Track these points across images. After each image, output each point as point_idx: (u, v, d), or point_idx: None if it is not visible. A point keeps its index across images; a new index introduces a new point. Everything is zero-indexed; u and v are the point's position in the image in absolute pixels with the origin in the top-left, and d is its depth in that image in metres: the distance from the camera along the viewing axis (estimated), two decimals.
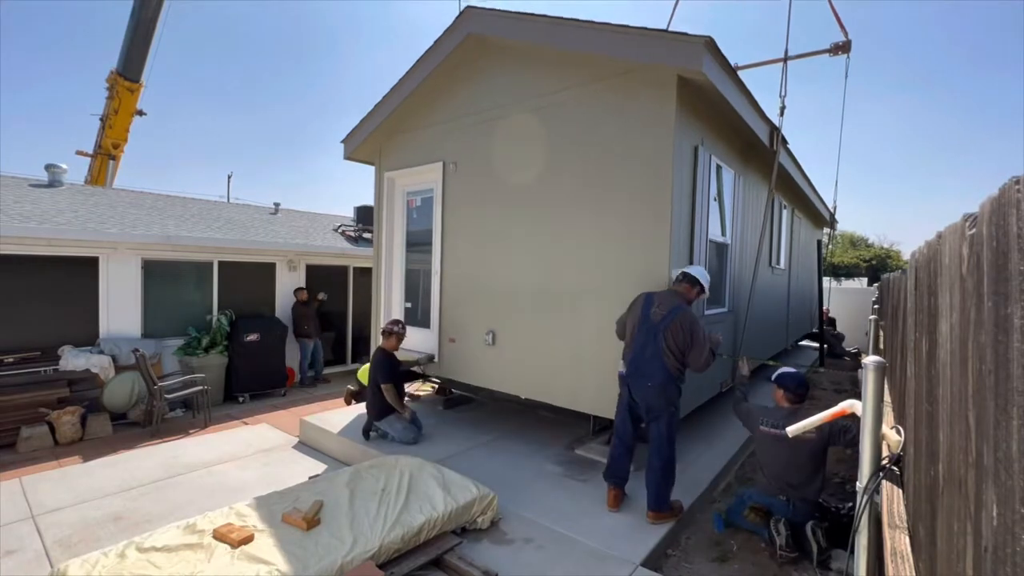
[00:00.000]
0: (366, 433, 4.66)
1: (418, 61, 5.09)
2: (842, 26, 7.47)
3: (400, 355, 5.78)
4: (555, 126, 4.23)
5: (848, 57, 7.60)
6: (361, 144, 5.90)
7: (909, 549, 1.57)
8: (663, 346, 3.21)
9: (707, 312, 4.43)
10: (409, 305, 5.92)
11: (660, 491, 3.26)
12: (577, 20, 3.82)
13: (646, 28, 3.49)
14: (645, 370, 3.25)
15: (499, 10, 4.37)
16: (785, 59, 5.78)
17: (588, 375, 4.01)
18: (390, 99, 5.44)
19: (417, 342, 5.66)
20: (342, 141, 6.08)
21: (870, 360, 1.54)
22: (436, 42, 4.91)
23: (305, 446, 5.08)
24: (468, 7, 4.63)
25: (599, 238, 3.97)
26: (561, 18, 3.92)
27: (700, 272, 3.49)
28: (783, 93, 5.36)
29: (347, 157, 6.12)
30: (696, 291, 3.45)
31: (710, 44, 3.28)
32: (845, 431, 3.03)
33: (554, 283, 4.28)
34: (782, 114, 5.16)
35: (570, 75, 4.13)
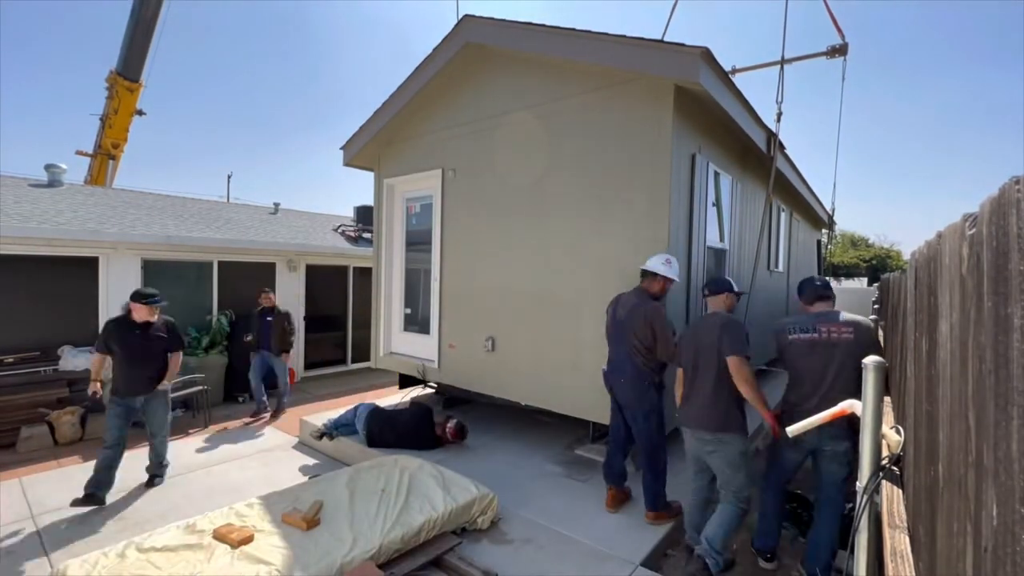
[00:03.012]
0: None
1: (417, 69, 5.08)
2: (839, 28, 7.45)
3: (401, 361, 5.80)
4: (554, 134, 4.23)
5: (845, 60, 7.57)
6: (360, 151, 5.89)
7: (909, 549, 1.57)
8: (629, 345, 3.24)
9: None
10: (409, 311, 5.92)
11: (654, 489, 3.27)
12: (574, 30, 3.82)
13: (643, 39, 3.49)
14: (618, 367, 3.32)
15: (497, 19, 4.37)
16: (782, 63, 5.76)
17: (587, 382, 4.00)
18: (389, 106, 5.43)
19: (417, 348, 5.66)
20: (341, 148, 6.06)
21: (870, 360, 1.54)
22: (435, 50, 4.90)
23: (305, 446, 5.08)
24: (466, 16, 4.62)
25: (597, 245, 3.97)
26: (558, 28, 3.91)
27: (655, 262, 3.30)
28: (779, 99, 5.31)
29: (346, 163, 6.10)
30: (660, 282, 3.28)
31: (706, 55, 3.28)
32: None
33: (553, 290, 4.28)
34: (779, 120, 5.13)
35: (569, 84, 4.12)
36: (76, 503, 3.61)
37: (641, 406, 3.23)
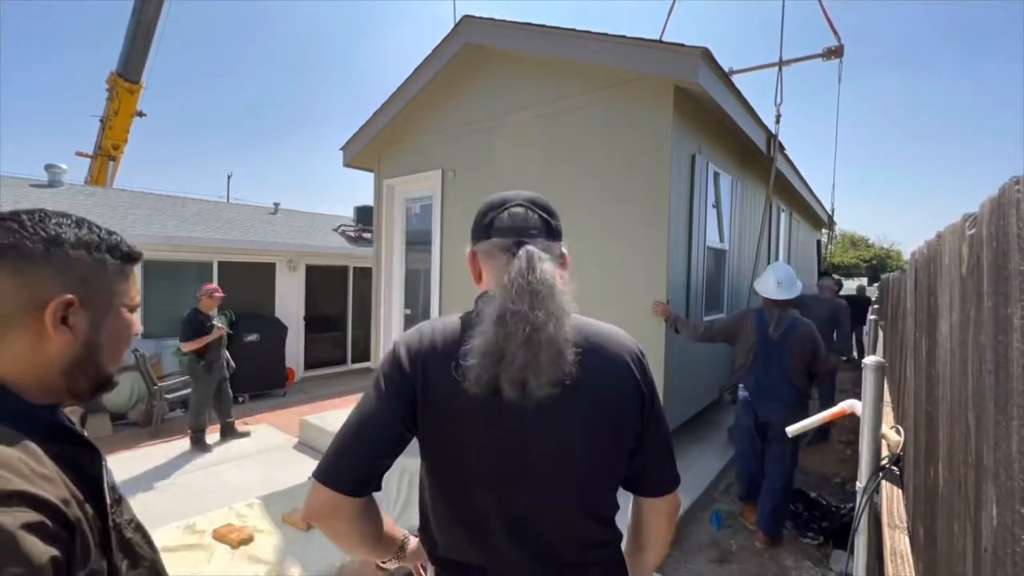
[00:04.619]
0: None
1: (416, 69, 5.09)
2: (835, 31, 7.43)
3: None
4: (554, 135, 4.23)
5: (841, 62, 7.55)
6: (360, 152, 5.88)
7: (909, 549, 1.57)
8: (789, 368, 3.15)
9: (705, 318, 4.43)
10: (409, 312, 5.92)
11: (780, 512, 3.21)
12: (574, 30, 3.82)
13: (642, 39, 3.49)
14: (772, 393, 3.20)
15: (497, 20, 4.37)
16: (780, 64, 5.74)
17: None
18: (388, 107, 5.43)
19: None
20: (341, 148, 6.06)
21: (870, 360, 1.54)
22: (434, 51, 4.91)
23: (305, 446, 5.08)
24: (466, 16, 4.62)
25: (597, 245, 3.97)
26: (558, 28, 3.91)
27: (788, 282, 3.32)
28: (779, 101, 5.25)
29: (346, 164, 6.10)
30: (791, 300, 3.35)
31: (706, 55, 3.28)
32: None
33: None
34: (778, 122, 5.09)
35: (568, 84, 4.12)
36: None
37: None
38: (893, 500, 1.90)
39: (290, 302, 8.29)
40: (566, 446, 0.88)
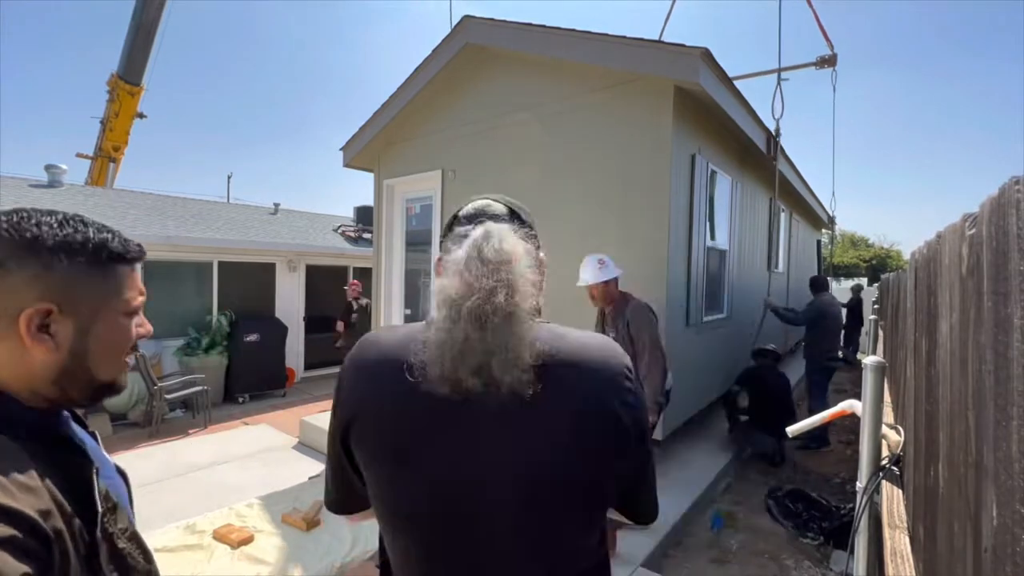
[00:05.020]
0: None
1: (416, 70, 5.09)
2: (828, 40, 7.47)
3: None
4: (554, 135, 4.23)
5: (835, 71, 7.57)
6: (360, 152, 5.89)
7: (909, 549, 1.57)
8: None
9: (705, 319, 4.42)
10: (409, 311, 5.92)
11: None
12: (574, 30, 3.82)
13: (643, 39, 3.49)
14: None
15: (497, 20, 4.37)
16: (779, 71, 5.70)
17: None
18: (388, 107, 5.44)
19: None
20: (340, 149, 6.07)
21: (870, 360, 1.54)
22: (434, 51, 4.91)
23: (305, 446, 5.07)
24: (466, 16, 4.62)
25: (598, 245, 3.97)
26: (559, 28, 3.92)
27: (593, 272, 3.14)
28: (778, 115, 5.03)
29: (346, 165, 6.11)
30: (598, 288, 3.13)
31: (706, 55, 3.28)
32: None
33: (554, 292, 4.27)
34: (778, 136, 5.02)
35: (569, 84, 4.12)
36: None
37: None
38: (893, 500, 1.89)
39: (290, 302, 8.29)
40: (527, 475, 0.67)
